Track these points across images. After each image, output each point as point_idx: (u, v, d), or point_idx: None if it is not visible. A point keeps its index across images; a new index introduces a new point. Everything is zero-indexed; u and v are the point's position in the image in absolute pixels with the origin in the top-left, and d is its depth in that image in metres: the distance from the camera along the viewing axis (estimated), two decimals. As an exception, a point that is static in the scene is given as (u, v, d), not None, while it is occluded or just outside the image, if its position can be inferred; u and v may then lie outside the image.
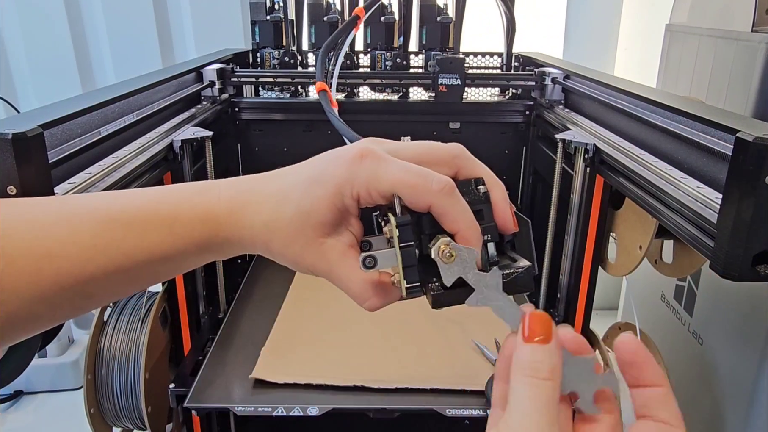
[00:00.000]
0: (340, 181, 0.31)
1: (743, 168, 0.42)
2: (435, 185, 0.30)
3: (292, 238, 0.32)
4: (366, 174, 0.30)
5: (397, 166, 0.30)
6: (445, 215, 0.30)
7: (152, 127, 0.71)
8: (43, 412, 1.46)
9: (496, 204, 0.33)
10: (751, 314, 0.90)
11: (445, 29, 1.04)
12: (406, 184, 0.30)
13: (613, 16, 1.74)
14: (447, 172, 0.32)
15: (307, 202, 0.31)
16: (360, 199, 0.31)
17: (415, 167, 0.30)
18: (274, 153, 1.04)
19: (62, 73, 1.54)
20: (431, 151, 0.33)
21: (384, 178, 0.30)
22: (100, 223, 0.31)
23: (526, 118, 1.02)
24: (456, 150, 0.33)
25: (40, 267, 0.30)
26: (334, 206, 0.31)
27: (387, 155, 0.31)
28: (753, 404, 0.90)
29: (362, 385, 0.69)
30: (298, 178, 0.33)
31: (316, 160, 0.34)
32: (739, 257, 0.44)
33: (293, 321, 0.84)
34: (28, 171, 0.40)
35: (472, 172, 0.33)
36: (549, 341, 0.26)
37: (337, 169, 0.31)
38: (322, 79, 0.77)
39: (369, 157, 0.30)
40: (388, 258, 0.31)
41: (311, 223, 0.32)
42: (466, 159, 0.33)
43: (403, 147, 0.33)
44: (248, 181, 0.34)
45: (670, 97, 0.64)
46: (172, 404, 0.70)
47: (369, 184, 0.30)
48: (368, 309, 0.33)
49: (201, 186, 0.34)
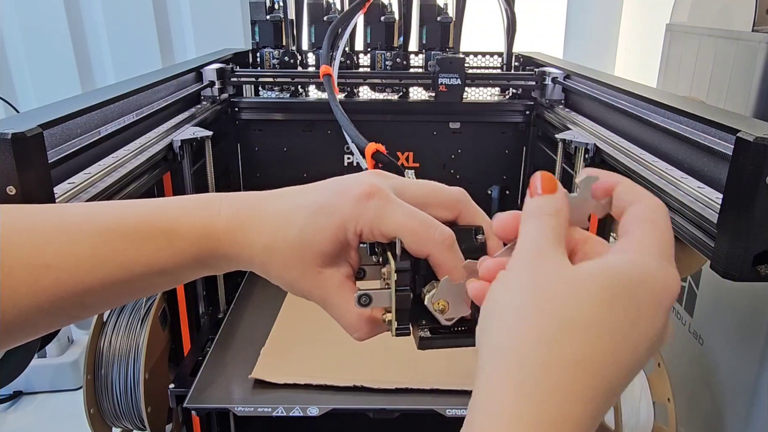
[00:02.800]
0: (345, 216, 0.31)
1: (744, 168, 0.42)
2: (437, 236, 0.31)
3: (291, 264, 0.32)
4: (372, 214, 0.31)
5: (403, 211, 0.31)
6: (441, 266, 0.31)
7: (152, 127, 0.71)
8: (42, 412, 1.46)
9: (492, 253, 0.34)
10: (752, 314, 0.90)
11: (445, 29, 1.04)
12: (409, 230, 0.31)
13: (613, 16, 1.74)
14: (448, 215, 0.33)
15: (310, 230, 0.32)
16: (362, 235, 0.32)
17: (420, 214, 0.31)
18: (274, 153, 1.04)
19: (62, 73, 1.54)
20: (435, 193, 0.33)
21: (389, 221, 0.31)
22: (99, 234, 0.31)
23: (527, 118, 1.01)
24: (459, 195, 0.34)
25: (39, 278, 0.30)
26: (336, 238, 0.32)
27: (394, 197, 0.31)
28: (753, 404, 0.90)
29: (362, 385, 0.69)
30: (304, 202, 0.33)
31: (322, 187, 0.34)
32: (740, 257, 0.44)
33: (293, 321, 0.84)
34: (28, 171, 0.40)
35: (473, 218, 0.34)
36: (554, 192, 0.27)
37: (344, 203, 0.31)
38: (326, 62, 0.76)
39: (376, 196, 0.31)
40: (383, 298, 0.32)
41: (312, 251, 0.32)
42: (468, 204, 0.34)
43: (409, 186, 0.33)
44: (250, 198, 0.34)
45: (671, 97, 0.64)
46: (172, 404, 0.70)
47: (374, 223, 0.31)
48: (357, 339, 0.35)
49: (202, 200, 0.34)
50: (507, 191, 1.08)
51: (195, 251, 0.32)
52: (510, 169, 1.06)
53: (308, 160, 1.04)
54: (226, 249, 0.33)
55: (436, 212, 0.32)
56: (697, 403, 1.05)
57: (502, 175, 1.07)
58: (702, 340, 1.04)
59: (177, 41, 1.64)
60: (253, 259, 0.33)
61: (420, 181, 0.34)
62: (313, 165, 1.04)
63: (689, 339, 1.08)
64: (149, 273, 0.32)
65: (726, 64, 1.02)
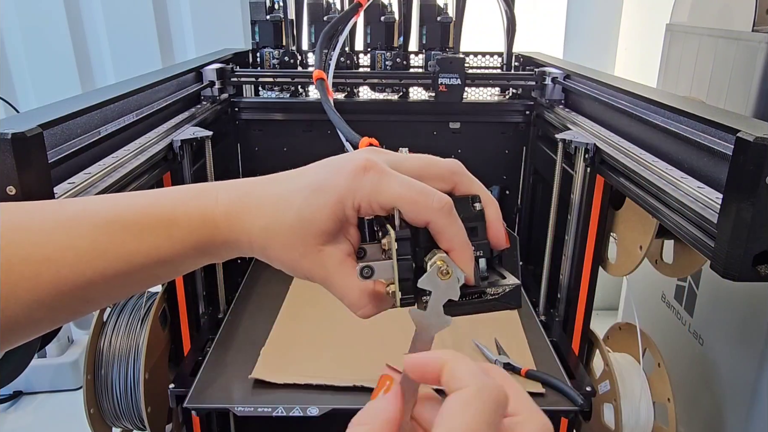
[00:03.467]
0: (342, 192, 0.31)
1: (744, 168, 0.42)
2: (435, 203, 0.31)
3: (291, 244, 0.32)
4: (369, 186, 0.31)
5: (399, 182, 0.31)
6: (441, 233, 0.31)
7: (152, 127, 0.71)
8: (42, 412, 1.46)
9: (490, 222, 0.34)
10: (752, 314, 0.90)
11: (445, 29, 1.04)
12: (407, 199, 0.31)
13: (613, 16, 1.74)
14: (444, 187, 0.33)
15: (308, 210, 0.32)
16: (361, 209, 0.32)
17: (416, 184, 0.31)
18: (274, 153, 1.04)
19: (62, 73, 1.54)
20: (430, 166, 0.33)
21: (386, 192, 0.31)
22: (98, 227, 0.32)
23: (526, 118, 1.02)
24: (454, 166, 0.34)
25: (39, 272, 0.30)
26: (335, 215, 0.32)
27: (389, 169, 0.31)
28: (753, 404, 0.90)
29: (362, 385, 0.69)
30: (299, 184, 0.33)
31: (317, 167, 0.34)
32: (740, 257, 0.44)
33: (293, 321, 0.84)
34: (28, 171, 0.40)
35: (468, 188, 0.34)
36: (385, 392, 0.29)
37: (340, 180, 0.31)
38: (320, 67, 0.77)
39: (372, 170, 0.31)
40: (385, 269, 0.32)
41: (311, 231, 0.32)
42: (463, 175, 0.34)
43: (404, 160, 0.33)
44: (246, 184, 0.34)
45: (671, 97, 0.64)
46: (172, 404, 0.70)
47: (371, 196, 0.31)
48: (362, 317, 0.34)
49: (199, 189, 0.34)
50: (507, 191, 1.08)
51: (194, 240, 0.33)
52: (510, 169, 1.07)
53: (308, 160, 1.02)
54: (225, 235, 0.33)
55: (432, 184, 0.32)
56: (697, 403, 1.05)
57: (502, 175, 1.07)
58: (702, 340, 1.04)
59: (177, 41, 1.64)
60: (253, 243, 0.33)
61: (415, 155, 0.34)
62: (313, 165, 1.04)
63: (689, 339, 1.08)
64: (150, 264, 0.32)
65: (726, 64, 1.02)
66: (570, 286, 0.84)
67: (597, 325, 0.86)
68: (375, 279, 0.32)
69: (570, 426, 0.76)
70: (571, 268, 0.82)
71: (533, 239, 1.06)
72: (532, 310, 0.90)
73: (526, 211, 1.07)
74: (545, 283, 0.89)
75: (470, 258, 0.32)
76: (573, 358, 0.79)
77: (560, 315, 0.87)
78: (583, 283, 0.81)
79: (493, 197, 0.34)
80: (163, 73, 0.81)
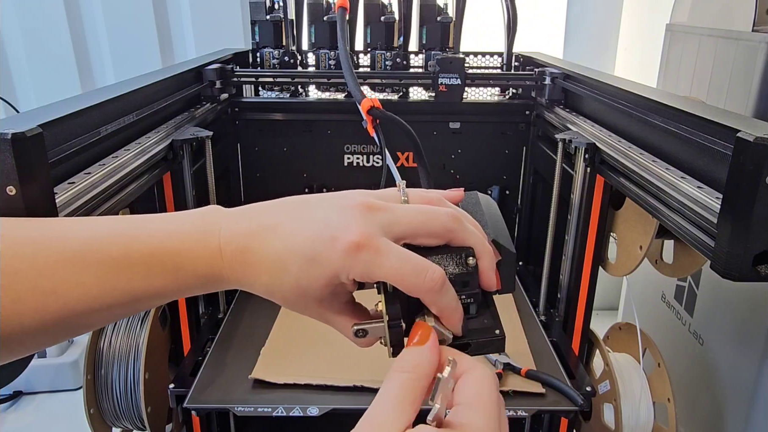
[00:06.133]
0: (336, 268, 0.32)
1: (744, 168, 0.42)
2: (427, 283, 0.32)
3: (293, 302, 0.35)
4: (362, 265, 0.32)
5: (391, 262, 0.32)
6: (432, 305, 0.33)
7: (152, 127, 0.71)
8: (42, 412, 1.46)
9: (483, 273, 0.35)
10: (752, 314, 0.90)
11: (445, 29, 1.04)
12: (400, 279, 0.32)
13: (613, 16, 1.74)
14: (440, 242, 0.35)
15: (305, 280, 0.33)
16: (355, 280, 0.34)
17: (410, 262, 0.32)
18: (274, 153, 1.04)
19: (62, 73, 1.54)
20: (426, 224, 0.34)
21: (379, 272, 0.32)
22: (104, 266, 0.33)
23: (526, 118, 1.02)
24: (450, 223, 0.34)
25: (47, 304, 0.32)
26: (330, 284, 0.33)
27: (383, 244, 0.32)
28: (753, 404, 0.90)
29: (362, 385, 0.69)
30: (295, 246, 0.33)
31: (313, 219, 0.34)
32: (740, 257, 0.44)
33: (293, 321, 0.84)
34: (28, 171, 0.40)
35: (463, 241, 0.35)
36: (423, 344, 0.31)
37: (334, 255, 0.32)
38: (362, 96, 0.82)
39: (365, 249, 0.32)
40: (378, 331, 0.35)
41: (309, 296, 0.34)
42: (458, 231, 0.34)
43: (398, 220, 0.34)
44: (246, 236, 0.34)
45: (671, 97, 0.64)
46: (172, 404, 0.70)
47: (364, 273, 0.32)
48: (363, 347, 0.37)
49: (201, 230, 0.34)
50: (507, 191, 1.08)
51: (200, 283, 0.35)
52: (510, 169, 1.07)
53: (308, 160, 1.04)
54: (231, 282, 0.35)
55: (427, 242, 0.34)
56: (697, 403, 1.05)
57: (502, 175, 1.07)
58: (702, 340, 1.04)
59: (177, 41, 1.64)
60: (256, 291, 0.35)
61: (411, 210, 0.34)
62: (313, 165, 1.04)
63: (689, 339, 1.08)
64: (155, 298, 0.35)
65: (726, 64, 1.02)
66: (570, 286, 0.84)
67: (597, 325, 0.86)
68: (369, 338, 0.35)
69: (570, 426, 0.76)
70: (571, 268, 0.82)
71: (533, 239, 1.06)
72: (532, 310, 0.90)
73: (526, 211, 1.07)
74: (545, 283, 0.89)
75: (459, 320, 0.34)
76: (573, 358, 0.79)
77: (560, 315, 0.87)
78: (583, 283, 0.81)
79: (488, 246, 0.36)
80: (163, 73, 0.81)
